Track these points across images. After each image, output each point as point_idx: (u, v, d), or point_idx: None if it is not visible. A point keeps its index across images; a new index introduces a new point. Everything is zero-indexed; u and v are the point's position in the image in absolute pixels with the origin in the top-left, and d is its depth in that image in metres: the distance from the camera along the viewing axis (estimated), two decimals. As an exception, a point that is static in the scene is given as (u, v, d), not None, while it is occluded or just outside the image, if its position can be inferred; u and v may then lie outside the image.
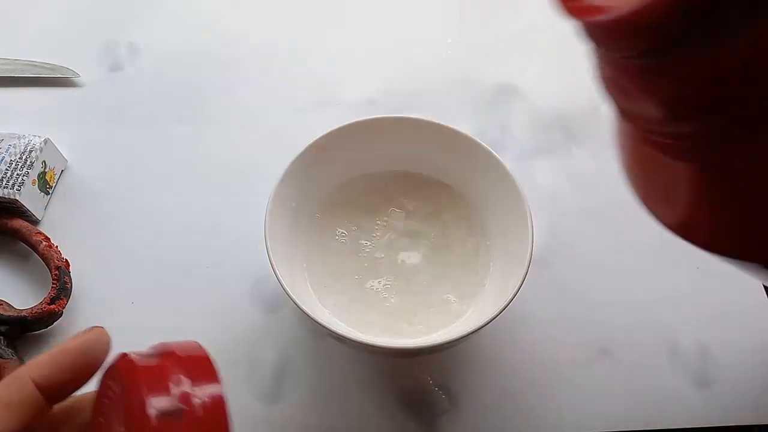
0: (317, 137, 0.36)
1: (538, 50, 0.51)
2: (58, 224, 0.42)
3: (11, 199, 0.39)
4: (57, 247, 0.40)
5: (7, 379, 0.19)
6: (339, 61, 0.51)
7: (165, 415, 0.17)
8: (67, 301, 0.38)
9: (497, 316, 0.30)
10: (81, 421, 0.22)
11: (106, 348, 0.21)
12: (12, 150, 0.41)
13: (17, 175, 0.40)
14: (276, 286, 0.38)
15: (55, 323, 0.37)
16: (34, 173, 0.41)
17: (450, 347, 0.36)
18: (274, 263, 0.32)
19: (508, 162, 0.35)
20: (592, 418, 0.36)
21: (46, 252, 0.39)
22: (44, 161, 0.42)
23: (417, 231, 0.38)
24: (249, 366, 0.37)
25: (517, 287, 0.31)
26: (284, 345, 0.38)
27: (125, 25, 0.52)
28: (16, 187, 0.39)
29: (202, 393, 0.18)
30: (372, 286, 0.36)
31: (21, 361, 0.36)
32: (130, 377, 0.19)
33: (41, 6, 0.53)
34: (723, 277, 0.40)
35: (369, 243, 0.38)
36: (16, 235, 0.40)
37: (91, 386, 0.21)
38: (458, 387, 0.37)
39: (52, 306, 0.37)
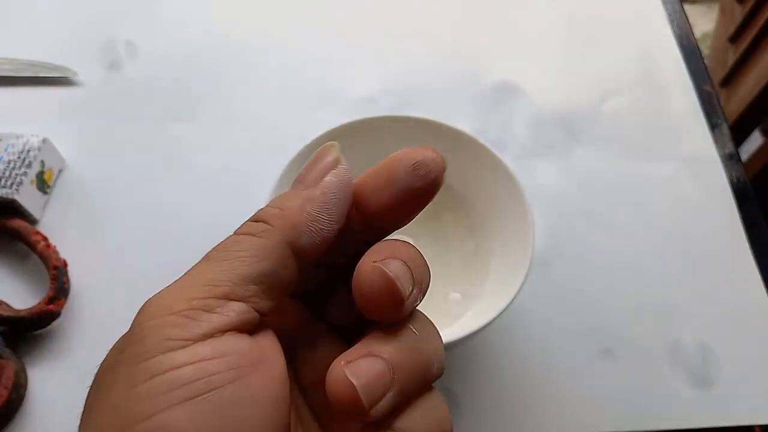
0: (317, 136, 0.36)
1: (539, 49, 0.51)
2: (57, 224, 0.42)
3: (9, 198, 0.39)
4: (55, 246, 0.39)
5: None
6: (339, 59, 0.51)
7: None
8: (66, 301, 0.38)
9: (498, 317, 0.30)
10: None
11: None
12: (10, 149, 0.40)
13: (15, 174, 0.40)
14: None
15: (53, 323, 0.37)
16: (32, 173, 0.41)
17: (450, 348, 0.36)
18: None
19: (509, 161, 0.35)
20: (592, 419, 0.36)
21: (44, 252, 0.39)
22: (42, 161, 0.42)
23: (417, 231, 0.38)
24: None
25: (518, 288, 0.31)
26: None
27: (124, 24, 0.52)
28: (14, 186, 0.39)
29: None
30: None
31: (20, 361, 0.36)
32: None
33: (39, 5, 0.53)
34: (724, 277, 0.40)
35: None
36: (15, 235, 0.40)
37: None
38: (459, 387, 0.36)
39: (51, 306, 0.37)
